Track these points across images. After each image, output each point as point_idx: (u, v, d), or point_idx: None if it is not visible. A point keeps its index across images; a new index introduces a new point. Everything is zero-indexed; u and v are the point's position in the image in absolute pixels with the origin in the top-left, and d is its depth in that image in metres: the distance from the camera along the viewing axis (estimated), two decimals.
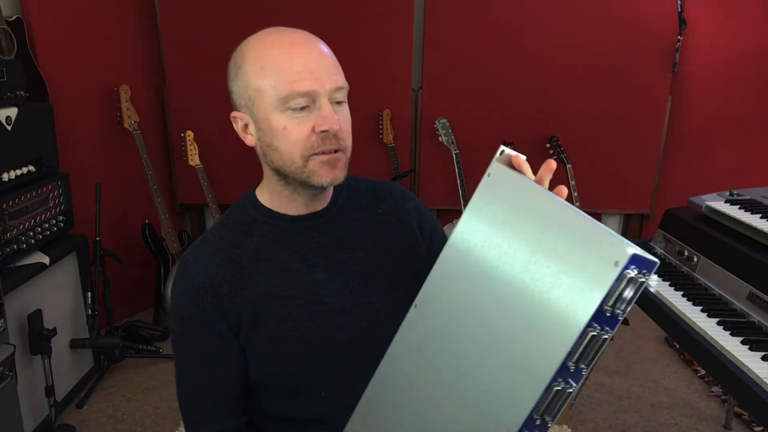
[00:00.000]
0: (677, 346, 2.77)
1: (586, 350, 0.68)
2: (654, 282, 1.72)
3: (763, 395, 1.19)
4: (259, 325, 0.97)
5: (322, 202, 1.03)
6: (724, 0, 2.90)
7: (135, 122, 2.75)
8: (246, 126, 0.97)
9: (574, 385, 0.69)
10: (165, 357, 2.66)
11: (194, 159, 2.85)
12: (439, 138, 2.89)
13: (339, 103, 0.94)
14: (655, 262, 0.65)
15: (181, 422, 2.05)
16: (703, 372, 2.59)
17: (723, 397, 2.40)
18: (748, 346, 1.33)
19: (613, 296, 0.65)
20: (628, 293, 0.66)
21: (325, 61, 0.92)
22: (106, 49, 2.77)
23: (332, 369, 1.00)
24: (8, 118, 2.01)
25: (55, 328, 2.05)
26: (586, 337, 0.66)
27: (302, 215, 1.02)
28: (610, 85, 2.98)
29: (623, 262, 0.63)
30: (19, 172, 2.05)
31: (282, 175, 0.96)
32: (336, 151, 0.93)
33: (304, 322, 0.98)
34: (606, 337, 0.67)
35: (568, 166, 2.88)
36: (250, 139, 0.98)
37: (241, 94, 0.95)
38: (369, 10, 2.91)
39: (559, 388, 0.69)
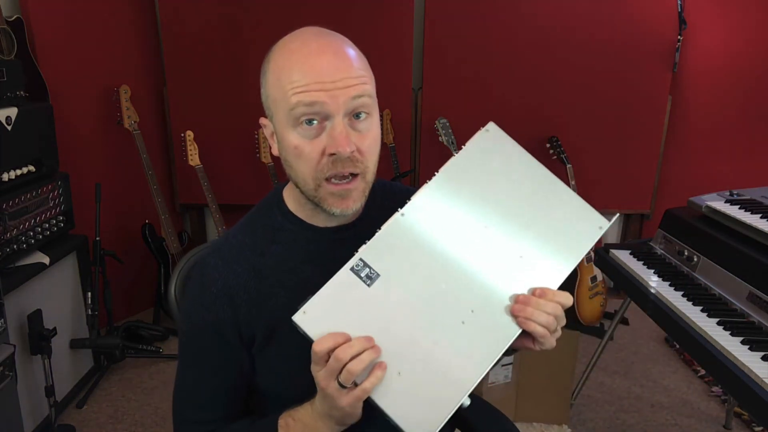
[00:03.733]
0: (677, 346, 2.78)
1: None
2: (654, 282, 1.72)
3: (763, 395, 1.19)
4: (275, 339, 0.93)
5: (351, 215, 0.95)
6: (724, 0, 2.90)
7: (135, 122, 2.75)
8: (273, 134, 0.92)
9: None
10: (165, 357, 2.66)
11: (194, 159, 2.85)
12: (439, 138, 2.89)
13: (359, 116, 0.85)
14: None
15: None
16: (703, 372, 2.59)
17: (723, 397, 2.40)
18: (748, 346, 1.33)
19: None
20: None
21: (344, 72, 0.83)
22: (106, 49, 2.77)
23: None
24: (8, 118, 2.00)
25: (55, 328, 2.05)
26: None
27: (330, 227, 0.96)
28: (610, 85, 2.98)
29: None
30: (19, 172, 2.05)
31: (305, 196, 0.91)
32: (353, 175, 0.86)
33: None
34: None
35: (568, 166, 2.88)
36: (275, 148, 0.92)
37: (264, 102, 0.90)
38: (369, 11, 2.92)
39: None
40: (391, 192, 1.05)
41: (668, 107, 3.02)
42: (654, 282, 1.72)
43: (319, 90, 0.81)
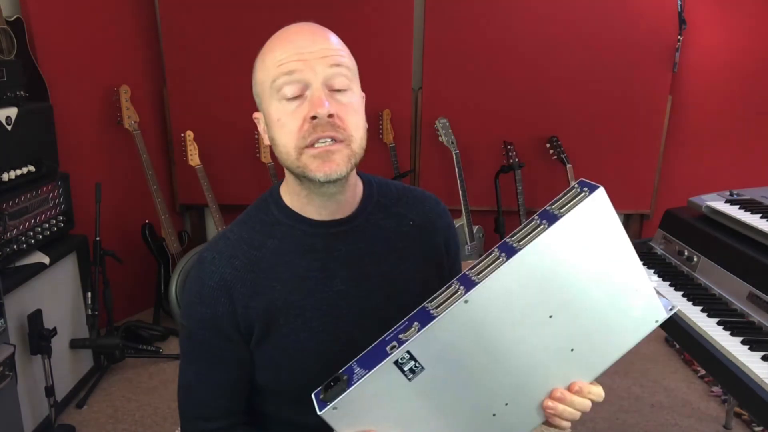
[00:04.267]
0: (677, 346, 2.77)
1: None
2: (654, 282, 1.72)
3: (763, 395, 1.19)
4: (272, 332, 0.94)
5: (347, 208, 0.97)
6: (724, 0, 2.90)
7: (135, 122, 2.75)
8: (264, 126, 0.94)
9: None
10: (165, 357, 2.66)
11: (194, 159, 2.85)
12: (439, 138, 2.89)
13: (339, 91, 0.87)
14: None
15: None
16: (703, 372, 2.59)
17: (723, 397, 2.40)
18: (748, 346, 1.33)
19: None
20: None
21: (320, 44, 0.87)
22: (106, 49, 2.77)
23: None
24: (8, 118, 2.01)
25: (55, 328, 2.05)
26: None
27: (326, 221, 0.96)
28: (610, 85, 2.98)
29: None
30: (19, 172, 2.05)
31: (290, 171, 0.92)
32: (334, 140, 0.86)
33: (319, 333, 0.94)
34: None
35: (568, 166, 2.88)
36: (266, 138, 0.94)
37: (254, 91, 0.93)
38: (369, 11, 2.92)
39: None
40: (387, 190, 1.05)
41: (668, 107, 3.02)
42: (654, 282, 1.72)
43: (297, 60, 0.85)
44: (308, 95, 0.86)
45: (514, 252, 0.73)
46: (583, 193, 0.74)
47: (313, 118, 0.84)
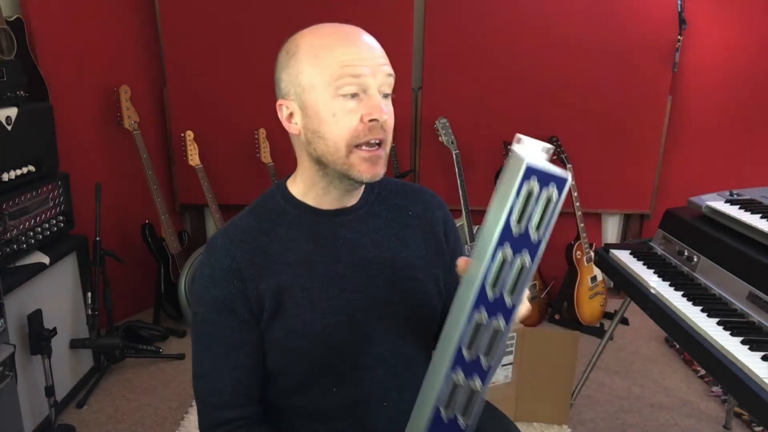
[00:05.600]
0: (677, 346, 2.78)
1: (502, 275, 0.71)
2: (654, 282, 1.72)
3: (763, 395, 1.19)
4: (280, 313, 0.98)
5: (353, 198, 1.04)
6: (724, 0, 2.90)
7: (135, 122, 2.75)
8: (291, 114, 0.97)
9: (501, 319, 0.73)
10: (165, 357, 2.66)
11: (194, 159, 2.86)
12: (439, 138, 2.89)
13: (386, 96, 0.95)
14: (563, 178, 0.68)
15: (181, 422, 2.04)
16: (703, 372, 2.59)
17: (723, 397, 2.40)
18: (748, 346, 1.33)
19: (516, 211, 0.68)
20: (535, 208, 0.69)
21: (376, 51, 0.95)
22: (106, 49, 2.77)
23: (347, 365, 1.01)
24: (8, 118, 2.01)
25: (55, 328, 2.05)
26: (496, 260, 0.70)
27: (331, 210, 1.02)
28: (610, 84, 2.98)
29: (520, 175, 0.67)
30: (19, 172, 2.05)
31: (323, 164, 0.97)
32: (379, 143, 0.94)
33: (325, 316, 0.98)
34: (524, 261, 0.70)
35: (568, 166, 2.88)
36: (294, 128, 0.98)
37: (291, 81, 0.95)
38: (369, 11, 2.92)
39: (482, 322, 0.72)
40: (386, 184, 1.11)
41: (668, 107, 3.02)
42: (654, 282, 1.72)
43: (363, 65, 0.92)
44: (364, 98, 0.92)
45: None
46: None
47: (371, 120, 0.92)
